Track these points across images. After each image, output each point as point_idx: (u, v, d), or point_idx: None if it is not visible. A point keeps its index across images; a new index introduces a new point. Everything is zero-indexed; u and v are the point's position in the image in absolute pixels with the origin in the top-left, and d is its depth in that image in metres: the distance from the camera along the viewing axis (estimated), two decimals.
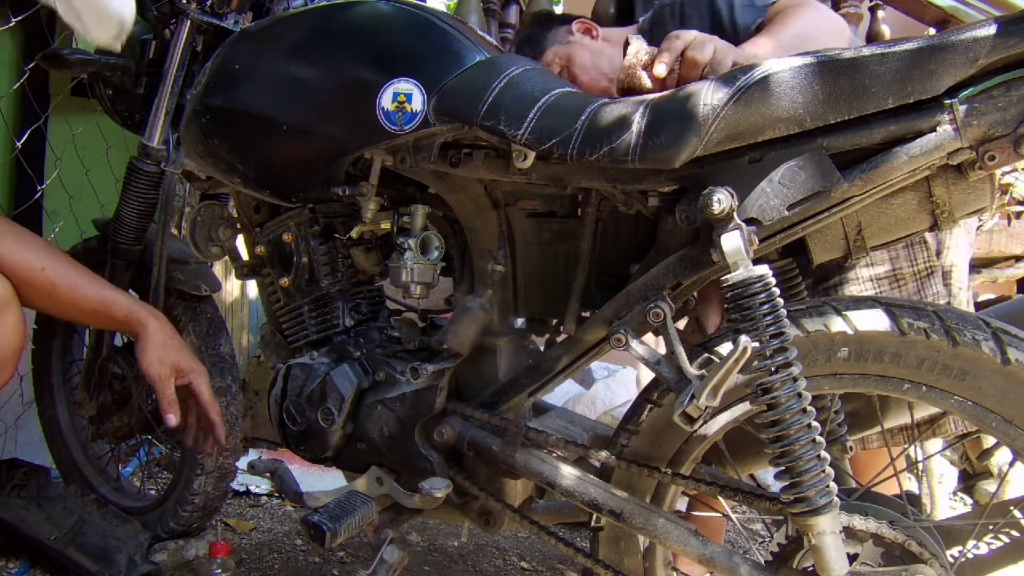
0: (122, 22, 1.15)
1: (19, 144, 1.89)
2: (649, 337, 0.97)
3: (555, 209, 1.10)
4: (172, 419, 1.10)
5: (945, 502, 2.10)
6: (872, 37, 2.72)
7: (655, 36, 1.44)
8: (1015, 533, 1.00)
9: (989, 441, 2.28)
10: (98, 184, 2.10)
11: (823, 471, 0.83)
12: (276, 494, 2.07)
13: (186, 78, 1.30)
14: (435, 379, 1.10)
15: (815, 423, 0.84)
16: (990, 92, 0.79)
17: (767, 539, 1.05)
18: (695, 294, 1.16)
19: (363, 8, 1.10)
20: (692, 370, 0.87)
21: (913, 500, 1.00)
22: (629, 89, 1.17)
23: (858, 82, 0.80)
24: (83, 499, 1.57)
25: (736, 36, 1.33)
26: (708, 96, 0.84)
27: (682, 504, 1.38)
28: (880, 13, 2.72)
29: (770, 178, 0.84)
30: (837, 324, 0.89)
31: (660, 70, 1.09)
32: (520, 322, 1.18)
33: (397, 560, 1.09)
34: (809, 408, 0.84)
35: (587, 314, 1.11)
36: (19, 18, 1.83)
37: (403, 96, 1.01)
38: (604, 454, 1.00)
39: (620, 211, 1.02)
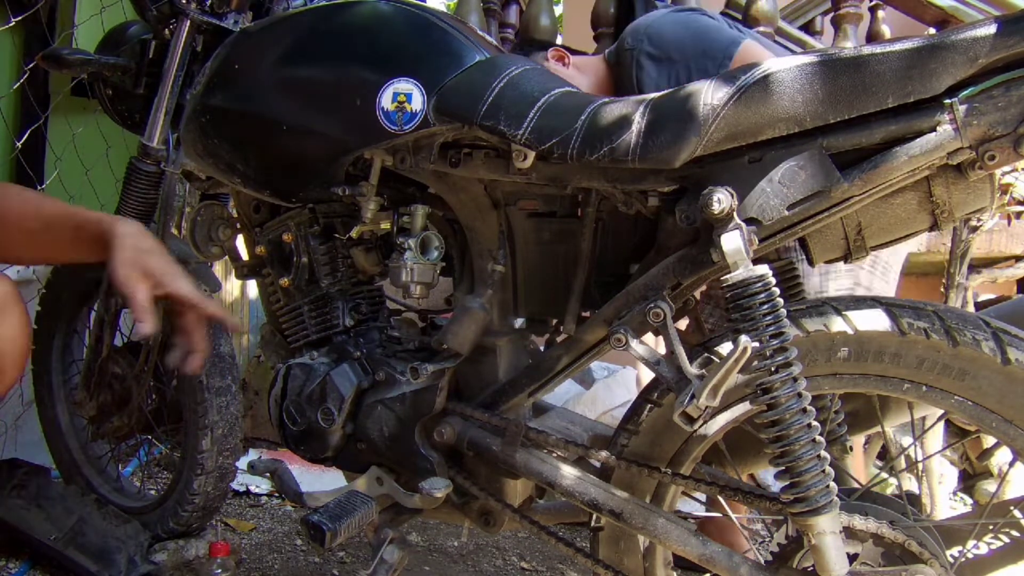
0: None
1: (19, 144, 1.89)
2: (649, 337, 0.97)
3: (555, 209, 1.10)
4: (147, 327, 0.98)
5: (945, 502, 2.10)
6: (872, 37, 2.73)
7: (620, 75, 1.59)
8: (1015, 533, 1.00)
9: (989, 441, 2.27)
10: (98, 184, 2.10)
11: (823, 471, 0.83)
12: (276, 494, 2.07)
13: (186, 78, 1.30)
14: (435, 379, 1.10)
15: (815, 423, 0.84)
16: (990, 92, 0.79)
17: (767, 539, 1.05)
18: (697, 295, 1.17)
19: (363, 8, 1.10)
20: (692, 370, 0.87)
21: (913, 500, 0.99)
22: None
23: (858, 81, 0.80)
24: (83, 499, 1.57)
25: None
26: (708, 95, 0.84)
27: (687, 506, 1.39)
28: (880, 13, 2.73)
29: (770, 178, 0.84)
30: (837, 324, 0.89)
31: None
32: (520, 322, 1.18)
33: (397, 560, 1.09)
34: (809, 408, 0.84)
35: (587, 314, 1.11)
36: (19, 18, 1.83)
37: (403, 96, 1.01)
38: (604, 454, 1.00)
39: (620, 211, 1.02)
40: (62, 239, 1.05)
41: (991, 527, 1.01)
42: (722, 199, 0.83)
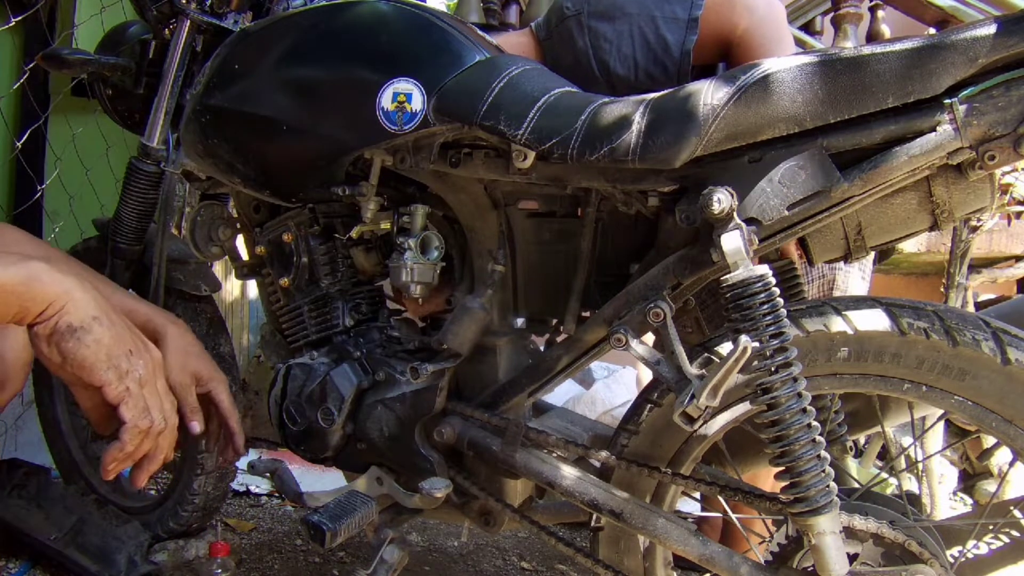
0: None
1: (19, 144, 1.89)
2: (649, 337, 0.97)
3: (555, 209, 1.10)
4: (196, 427, 1.06)
5: (945, 502, 2.10)
6: (872, 37, 2.73)
7: (557, 50, 1.36)
8: (1015, 533, 1.00)
9: (989, 441, 2.28)
10: (98, 184, 2.10)
11: (823, 471, 0.83)
12: (276, 494, 2.07)
13: (186, 78, 1.30)
14: (435, 379, 1.10)
15: (815, 423, 0.84)
16: (990, 92, 0.79)
17: (767, 539, 1.05)
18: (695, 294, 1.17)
19: (363, 8, 1.10)
20: (692, 370, 0.87)
21: (913, 500, 1.00)
22: None
23: (858, 81, 0.80)
24: (83, 499, 1.57)
25: (668, 54, 1.26)
26: (708, 96, 0.84)
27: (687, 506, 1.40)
28: (880, 13, 2.73)
29: (770, 178, 0.84)
30: (837, 324, 0.89)
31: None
32: (520, 322, 1.18)
33: (397, 560, 1.09)
34: (809, 408, 0.84)
35: (587, 314, 1.11)
36: (19, 18, 1.83)
37: (403, 96, 1.01)
38: (604, 454, 1.00)
39: (620, 211, 1.02)
40: None
41: (991, 527, 1.01)
42: (722, 199, 0.83)
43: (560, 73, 1.10)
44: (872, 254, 1.47)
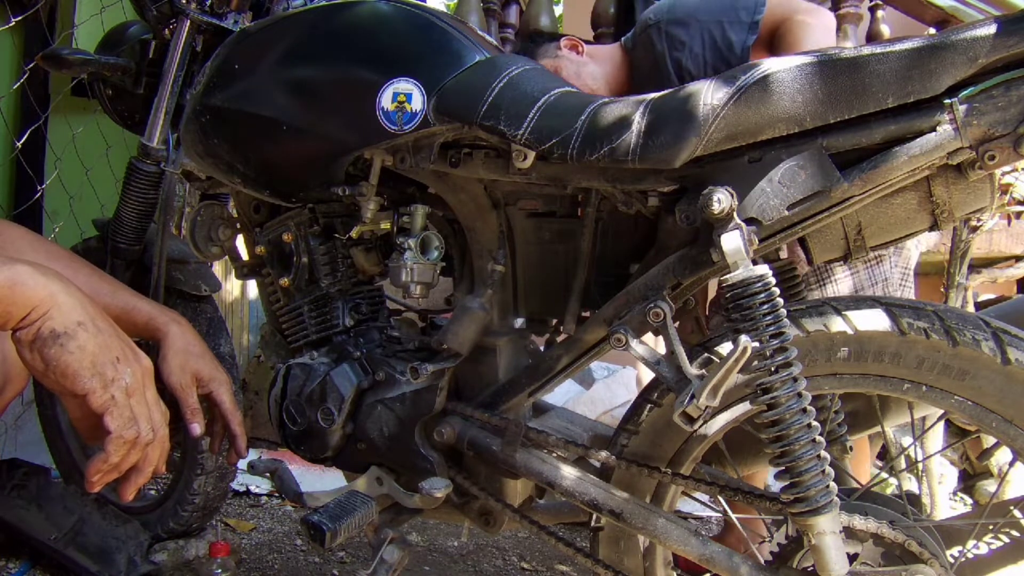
0: None
1: (19, 144, 1.89)
2: (649, 337, 0.97)
3: (555, 209, 1.10)
4: (197, 428, 1.04)
5: (945, 502, 2.10)
6: (872, 37, 2.72)
7: (639, 57, 1.62)
8: (1015, 533, 1.00)
9: (989, 441, 2.28)
10: (98, 184, 2.11)
11: (823, 471, 0.83)
12: (276, 494, 2.07)
13: (186, 78, 1.30)
14: (435, 379, 1.10)
15: (815, 423, 0.84)
16: (990, 92, 0.79)
17: (767, 539, 1.05)
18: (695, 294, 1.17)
19: (363, 8, 1.10)
20: (692, 370, 0.87)
21: (913, 500, 0.99)
22: None
23: (858, 81, 0.80)
24: (83, 499, 1.57)
25: (732, 52, 1.46)
26: (708, 96, 0.84)
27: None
28: (880, 13, 2.73)
29: (770, 178, 0.84)
30: (837, 324, 0.89)
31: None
32: (520, 322, 1.18)
33: (397, 560, 1.09)
34: (809, 408, 0.84)
35: (587, 314, 1.11)
36: (19, 18, 1.83)
37: (403, 96, 1.01)
38: (604, 454, 1.00)
39: (620, 211, 1.02)
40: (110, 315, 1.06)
41: (991, 527, 1.01)
42: (722, 199, 0.83)
43: (640, 77, 1.18)
44: (913, 260, 1.52)
